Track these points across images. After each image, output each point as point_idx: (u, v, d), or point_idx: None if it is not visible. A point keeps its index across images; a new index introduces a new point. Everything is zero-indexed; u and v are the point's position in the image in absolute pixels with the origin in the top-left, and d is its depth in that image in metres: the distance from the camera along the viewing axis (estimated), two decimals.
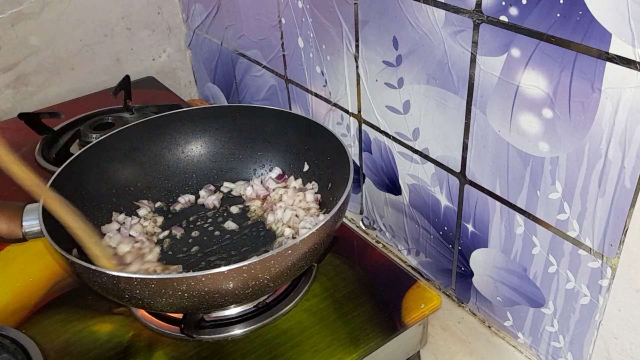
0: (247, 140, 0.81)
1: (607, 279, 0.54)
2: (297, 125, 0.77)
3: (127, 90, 1.04)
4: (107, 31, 1.14)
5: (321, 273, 0.69)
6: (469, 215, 0.68)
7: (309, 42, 0.82)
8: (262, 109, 0.79)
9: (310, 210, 0.73)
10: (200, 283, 0.53)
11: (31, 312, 0.67)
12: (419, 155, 0.72)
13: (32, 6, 1.03)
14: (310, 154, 0.77)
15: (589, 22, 0.46)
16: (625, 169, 0.49)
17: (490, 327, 0.73)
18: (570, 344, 0.62)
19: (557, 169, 0.55)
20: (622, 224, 0.51)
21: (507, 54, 0.54)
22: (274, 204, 0.75)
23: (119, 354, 0.61)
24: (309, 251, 0.58)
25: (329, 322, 0.63)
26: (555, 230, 0.58)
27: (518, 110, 0.56)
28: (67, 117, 1.01)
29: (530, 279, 0.63)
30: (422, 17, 0.62)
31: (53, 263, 0.73)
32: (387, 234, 0.85)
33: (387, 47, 0.68)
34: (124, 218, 0.74)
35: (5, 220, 0.62)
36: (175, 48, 1.23)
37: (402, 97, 0.70)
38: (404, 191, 0.77)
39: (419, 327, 0.66)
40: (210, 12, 1.06)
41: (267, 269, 0.55)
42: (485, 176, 0.63)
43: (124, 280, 0.54)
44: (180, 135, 0.81)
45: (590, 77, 0.48)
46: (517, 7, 0.52)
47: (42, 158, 0.93)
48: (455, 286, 0.76)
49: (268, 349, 0.61)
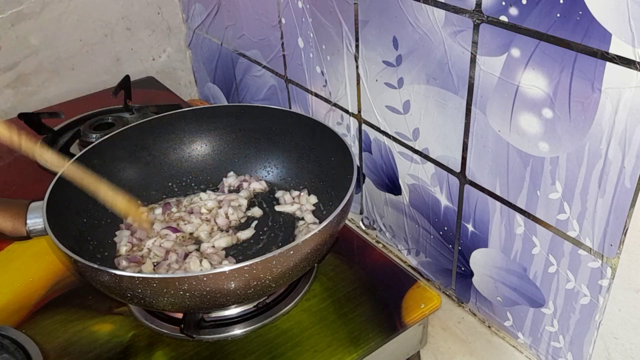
0: (251, 140, 0.81)
1: (607, 279, 0.54)
2: (301, 125, 0.77)
3: (127, 90, 1.04)
4: (107, 31, 1.14)
5: (321, 273, 0.69)
6: (469, 215, 0.68)
7: (309, 42, 0.82)
8: (266, 108, 0.80)
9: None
10: (202, 283, 0.53)
11: (31, 312, 0.67)
12: (419, 155, 0.72)
13: (32, 6, 1.03)
14: (313, 154, 0.77)
15: (589, 22, 0.46)
16: (625, 169, 0.49)
17: (490, 327, 0.73)
18: (570, 344, 0.62)
19: (557, 169, 0.55)
20: (622, 224, 0.51)
21: (507, 54, 0.54)
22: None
23: (119, 354, 0.61)
24: (311, 252, 0.58)
25: (329, 322, 0.63)
26: (555, 230, 0.58)
27: (518, 110, 0.56)
28: (67, 117, 1.01)
29: (530, 279, 0.63)
30: (422, 17, 0.62)
31: (53, 263, 0.73)
32: (387, 234, 0.85)
33: (387, 47, 0.68)
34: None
35: (9, 218, 0.62)
36: (175, 48, 1.23)
37: (402, 97, 0.70)
38: (404, 191, 0.77)
39: (419, 327, 0.66)
40: (210, 12, 1.06)
41: (268, 270, 0.55)
42: (485, 176, 0.63)
43: (126, 279, 0.54)
44: (185, 135, 0.81)
45: (590, 77, 0.48)
46: (517, 7, 0.52)
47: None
48: (455, 286, 0.76)
49: (268, 349, 0.61)
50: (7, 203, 0.64)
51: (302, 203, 0.76)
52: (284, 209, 0.76)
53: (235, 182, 0.80)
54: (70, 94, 1.14)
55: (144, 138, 0.79)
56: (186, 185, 0.81)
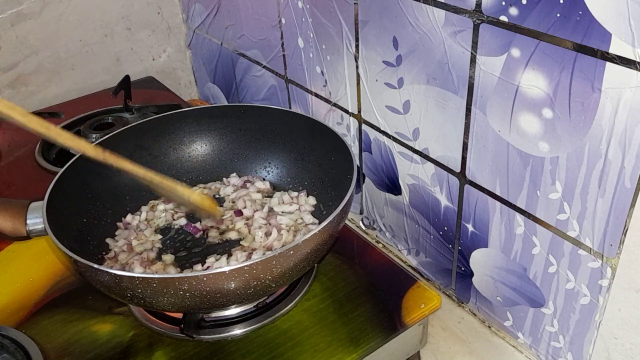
0: (252, 140, 0.81)
1: (607, 279, 0.54)
2: (301, 125, 0.77)
3: (127, 90, 1.04)
4: (107, 31, 1.14)
5: (321, 273, 0.69)
6: (469, 215, 0.68)
7: (309, 42, 0.82)
8: (266, 108, 0.80)
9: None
10: (202, 283, 0.53)
11: (31, 312, 0.67)
12: (419, 155, 0.72)
13: (32, 6, 1.03)
14: (313, 154, 0.77)
15: (589, 22, 0.46)
16: (625, 169, 0.49)
17: (490, 327, 0.73)
18: (570, 344, 0.62)
19: (557, 169, 0.55)
20: (622, 224, 0.51)
21: (507, 54, 0.54)
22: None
23: (119, 354, 0.61)
24: (311, 252, 0.58)
25: (329, 322, 0.63)
26: (555, 230, 0.58)
27: (518, 110, 0.56)
28: (67, 117, 1.02)
29: (530, 279, 0.63)
30: (422, 17, 0.62)
31: (53, 263, 0.73)
32: (387, 234, 0.85)
33: (387, 47, 0.68)
34: (131, 217, 0.75)
35: (9, 218, 0.62)
36: (175, 48, 1.23)
37: (402, 97, 0.70)
38: (404, 191, 0.77)
39: (419, 327, 0.66)
40: (210, 12, 1.06)
41: (269, 269, 0.55)
42: (485, 176, 0.63)
43: (126, 279, 0.54)
44: (186, 135, 0.81)
45: (590, 77, 0.48)
46: (517, 7, 0.52)
47: (42, 158, 0.93)
48: (455, 286, 0.76)
49: (268, 349, 0.61)
50: (7, 203, 0.64)
51: (300, 203, 0.76)
52: (283, 209, 0.76)
53: (239, 182, 0.80)
54: (70, 94, 1.14)
55: (144, 138, 0.79)
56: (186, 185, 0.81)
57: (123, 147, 0.77)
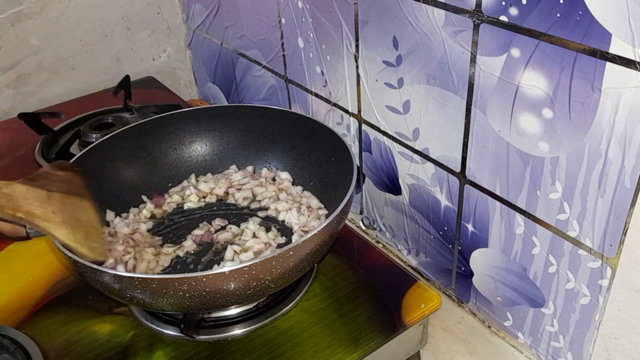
0: (252, 140, 0.82)
1: (607, 279, 0.54)
2: (301, 125, 0.77)
3: (127, 90, 1.04)
4: (107, 31, 1.14)
5: (321, 273, 0.69)
6: (469, 215, 0.68)
7: (309, 42, 0.82)
8: (266, 109, 0.80)
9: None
10: (202, 283, 0.53)
11: (31, 312, 0.67)
12: (419, 155, 0.72)
13: (32, 6, 1.03)
14: (313, 154, 0.77)
15: (589, 22, 0.46)
16: (625, 169, 0.49)
17: (490, 327, 0.73)
18: (570, 344, 0.62)
19: (557, 169, 0.55)
20: (622, 224, 0.51)
21: (507, 54, 0.54)
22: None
23: (119, 354, 0.61)
24: (311, 252, 0.58)
25: (329, 322, 0.63)
26: (555, 230, 0.58)
27: (518, 110, 0.56)
28: (67, 117, 1.01)
29: (530, 279, 0.63)
30: (422, 17, 0.62)
31: (53, 263, 0.73)
32: (387, 234, 0.85)
33: (387, 47, 0.68)
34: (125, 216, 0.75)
35: None
36: (175, 48, 1.23)
37: (402, 97, 0.70)
38: (404, 191, 0.77)
39: (419, 327, 0.66)
40: (210, 12, 1.06)
41: (268, 270, 0.55)
42: (485, 176, 0.63)
43: (125, 280, 0.54)
44: (185, 135, 0.81)
45: (590, 77, 0.48)
46: (517, 7, 0.52)
47: (42, 158, 0.93)
48: (455, 286, 0.76)
49: (268, 349, 0.61)
50: None
51: (300, 204, 0.76)
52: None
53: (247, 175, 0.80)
54: (70, 94, 1.14)
55: (144, 138, 0.79)
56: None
57: (123, 147, 0.77)
